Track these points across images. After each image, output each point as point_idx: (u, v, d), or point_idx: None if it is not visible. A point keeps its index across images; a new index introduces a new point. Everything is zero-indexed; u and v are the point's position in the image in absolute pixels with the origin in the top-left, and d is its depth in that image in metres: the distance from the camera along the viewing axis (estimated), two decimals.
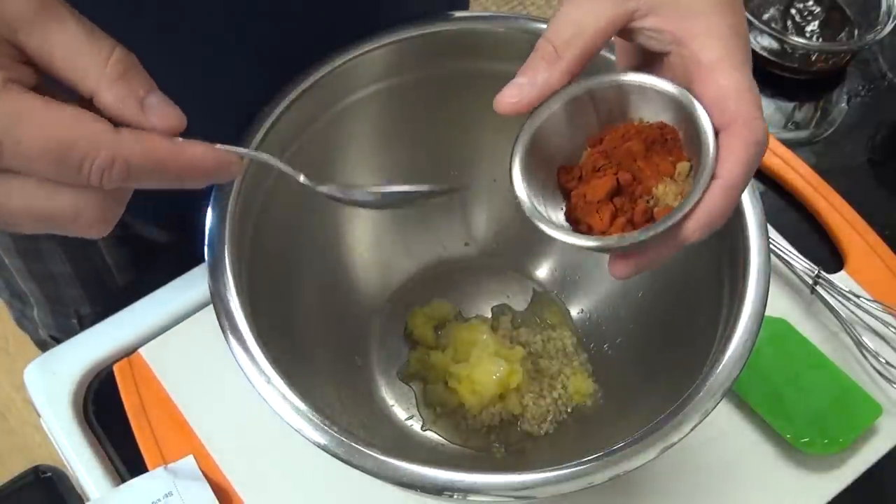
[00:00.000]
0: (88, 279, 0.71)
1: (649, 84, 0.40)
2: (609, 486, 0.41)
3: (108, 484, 0.57)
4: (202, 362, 0.60)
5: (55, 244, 0.67)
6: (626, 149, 0.40)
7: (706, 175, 0.37)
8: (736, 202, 0.37)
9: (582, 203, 0.41)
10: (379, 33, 0.54)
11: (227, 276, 0.46)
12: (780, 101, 0.80)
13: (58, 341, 0.77)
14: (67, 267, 0.69)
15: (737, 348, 0.44)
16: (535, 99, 0.40)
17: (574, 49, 0.39)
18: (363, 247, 0.62)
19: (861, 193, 0.71)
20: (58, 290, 0.71)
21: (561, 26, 0.39)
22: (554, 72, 0.39)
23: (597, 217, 0.40)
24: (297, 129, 0.53)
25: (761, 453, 0.58)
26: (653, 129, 0.40)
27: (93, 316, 0.74)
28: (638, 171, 0.40)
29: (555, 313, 0.63)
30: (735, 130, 0.37)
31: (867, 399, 0.59)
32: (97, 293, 0.72)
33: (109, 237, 0.67)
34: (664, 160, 0.40)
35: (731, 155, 0.37)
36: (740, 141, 0.37)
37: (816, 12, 0.81)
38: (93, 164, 0.31)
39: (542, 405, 0.59)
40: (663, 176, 0.39)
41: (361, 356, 0.61)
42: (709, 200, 0.36)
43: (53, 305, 0.74)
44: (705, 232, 0.37)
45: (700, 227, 0.37)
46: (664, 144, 0.40)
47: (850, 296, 0.63)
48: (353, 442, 0.42)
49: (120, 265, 0.70)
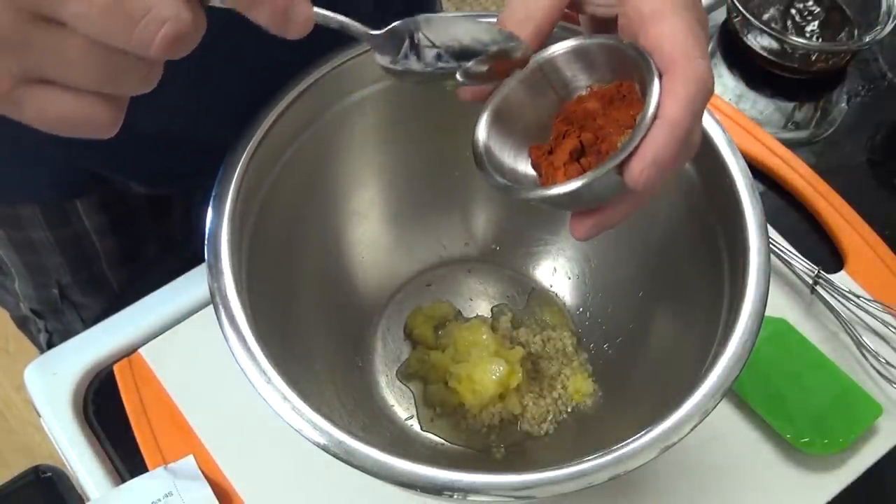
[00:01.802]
0: (68, 246, 0.70)
1: (596, 43, 0.41)
2: (609, 486, 0.41)
3: (108, 484, 0.57)
4: (202, 362, 0.60)
5: (34, 209, 0.67)
6: (584, 109, 0.41)
7: (648, 117, 0.37)
8: (682, 140, 0.37)
9: (550, 170, 0.41)
10: None
11: (227, 276, 0.46)
12: (780, 101, 0.80)
13: (38, 315, 0.77)
14: (47, 233, 0.69)
15: (737, 348, 0.44)
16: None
17: (527, 30, 0.41)
18: (363, 246, 0.62)
19: (861, 193, 0.71)
20: (38, 259, 0.71)
21: (512, 9, 0.41)
22: None
23: (565, 176, 0.40)
24: (298, 129, 0.53)
25: (761, 453, 0.58)
26: (609, 88, 0.41)
27: (74, 286, 0.74)
28: (599, 128, 0.40)
29: (555, 313, 0.63)
30: (675, 71, 0.37)
31: (867, 399, 0.59)
32: (78, 261, 0.72)
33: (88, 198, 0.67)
34: (624, 114, 0.40)
35: (671, 94, 0.37)
36: (680, 80, 0.37)
37: (816, 12, 0.81)
38: None
39: (542, 405, 0.59)
40: (624, 129, 0.40)
41: (361, 356, 0.61)
42: (650, 138, 0.36)
43: (34, 275, 0.73)
44: (652, 174, 0.36)
45: (644, 165, 0.36)
46: (622, 100, 0.40)
47: (850, 296, 0.63)
48: (353, 442, 0.42)
49: (99, 230, 0.70)
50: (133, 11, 0.29)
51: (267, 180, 0.52)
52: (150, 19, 0.29)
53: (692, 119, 0.37)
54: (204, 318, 0.63)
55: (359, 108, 0.56)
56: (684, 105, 0.36)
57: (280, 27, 0.32)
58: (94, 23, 0.29)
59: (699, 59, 0.37)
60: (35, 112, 0.31)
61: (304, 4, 0.32)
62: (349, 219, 0.61)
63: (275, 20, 0.32)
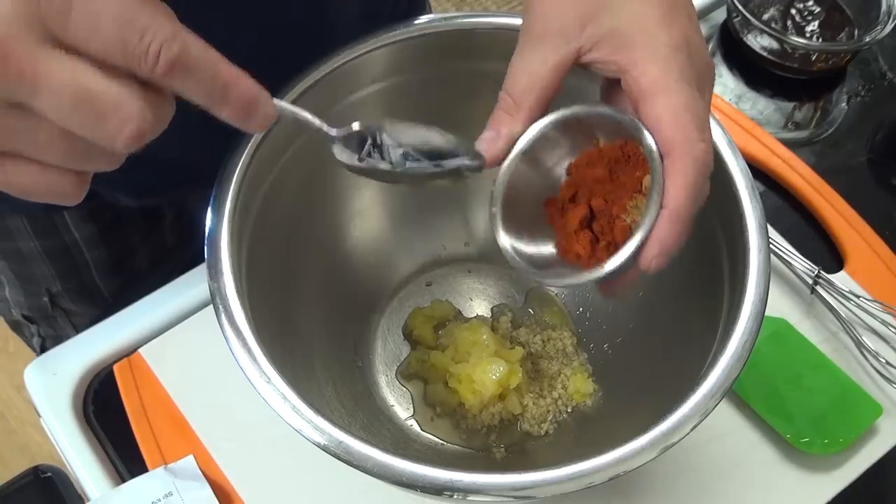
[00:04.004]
0: (57, 256, 0.70)
1: (605, 113, 0.42)
2: (609, 486, 0.41)
3: (108, 484, 0.57)
4: (202, 362, 0.60)
5: (22, 220, 0.67)
6: (593, 175, 0.43)
7: (654, 206, 0.38)
8: (687, 227, 0.39)
9: (564, 234, 0.43)
10: (379, 33, 0.54)
11: (227, 276, 0.46)
12: (780, 101, 0.80)
13: (31, 321, 0.77)
14: (35, 243, 0.69)
15: (737, 348, 0.44)
16: (502, 150, 0.43)
17: (530, 98, 0.42)
18: (363, 246, 0.62)
19: (861, 193, 0.71)
20: (27, 268, 0.71)
21: (515, 77, 0.42)
22: (515, 122, 0.42)
23: (579, 246, 0.42)
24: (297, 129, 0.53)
25: (761, 453, 0.58)
26: (614, 148, 0.42)
27: (64, 294, 0.74)
28: (608, 193, 0.42)
29: (555, 313, 0.63)
30: (675, 156, 0.38)
31: (867, 399, 0.59)
32: (67, 271, 0.72)
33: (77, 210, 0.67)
34: (630, 177, 0.41)
35: (673, 182, 0.38)
36: (680, 166, 0.38)
37: (816, 12, 0.81)
38: (154, 37, 0.30)
39: (542, 405, 0.59)
40: (632, 193, 0.41)
41: (361, 356, 0.61)
42: (657, 230, 0.38)
43: (24, 284, 0.73)
44: (662, 259, 0.38)
45: (654, 255, 0.38)
46: (628, 161, 0.42)
47: (850, 296, 0.63)
48: (353, 442, 0.42)
49: (88, 241, 0.70)
50: (102, 109, 0.30)
51: (267, 180, 0.52)
52: (117, 118, 0.31)
53: (694, 203, 0.38)
54: (204, 318, 0.63)
55: (359, 108, 0.56)
56: (686, 193, 0.38)
57: (243, 124, 0.34)
58: (64, 116, 0.30)
59: (698, 143, 0.38)
60: (2, 180, 0.32)
61: (267, 105, 0.34)
62: (349, 219, 0.61)
63: (238, 119, 0.34)
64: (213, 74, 0.32)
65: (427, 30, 0.54)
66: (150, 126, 0.31)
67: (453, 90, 0.57)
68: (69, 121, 0.31)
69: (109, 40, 0.30)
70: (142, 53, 0.30)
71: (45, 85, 0.30)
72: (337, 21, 0.60)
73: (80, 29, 0.30)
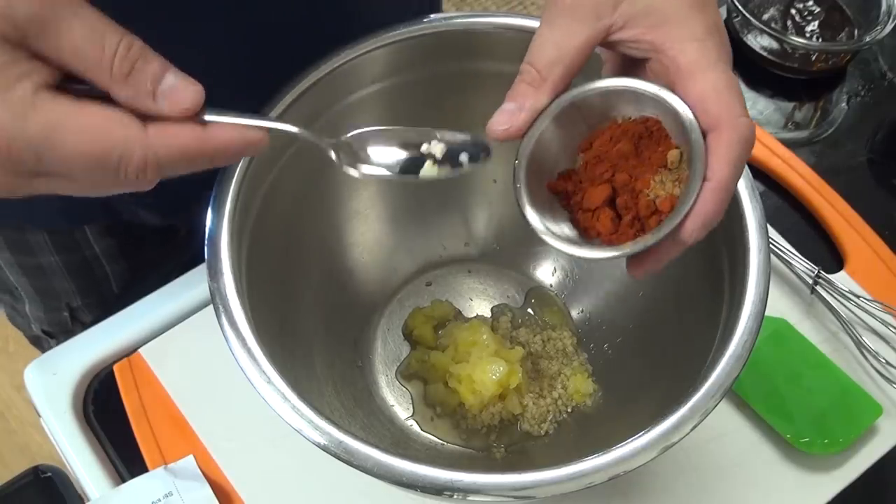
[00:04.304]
0: (77, 270, 0.71)
1: (632, 87, 0.41)
2: (609, 486, 0.41)
3: (108, 484, 0.57)
4: (202, 362, 0.60)
5: (43, 235, 0.67)
6: (617, 150, 0.42)
7: (697, 178, 0.38)
8: (728, 199, 0.39)
9: (581, 211, 0.42)
10: (379, 33, 0.54)
11: (227, 276, 0.46)
12: (780, 101, 0.80)
13: (50, 336, 0.77)
14: (56, 258, 0.69)
15: (737, 348, 0.44)
16: (525, 123, 0.41)
17: (556, 71, 0.40)
18: (363, 246, 0.62)
19: (861, 193, 0.71)
20: (48, 283, 0.72)
21: (542, 49, 0.41)
22: (540, 95, 0.41)
23: (600, 224, 0.41)
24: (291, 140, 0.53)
25: (761, 453, 0.58)
26: (637, 124, 0.42)
27: (84, 309, 0.74)
28: (632, 168, 0.41)
29: (555, 313, 0.63)
30: (720, 131, 0.38)
31: (867, 399, 0.59)
32: (87, 285, 0.72)
33: (97, 227, 0.68)
34: (654, 152, 0.41)
35: (718, 156, 0.38)
36: (725, 142, 0.38)
37: (816, 12, 0.81)
38: (128, 168, 0.32)
39: (542, 405, 0.59)
40: (657, 167, 0.41)
41: (361, 356, 0.61)
42: (701, 203, 0.38)
43: (44, 299, 0.74)
44: (702, 232, 0.38)
45: (696, 228, 0.38)
46: (651, 137, 0.41)
47: (850, 296, 0.63)
48: (353, 442, 0.42)
49: (108, 254, 0.71)
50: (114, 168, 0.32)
51: (267, 180, 0.52)
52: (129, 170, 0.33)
53: (737, 178, 0.39)
54: (204, 318, 0.63)
55: (359, 108, 0.56)
56: (732, 168, 0.38)
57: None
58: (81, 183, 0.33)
59: (742, 118, 0.39)
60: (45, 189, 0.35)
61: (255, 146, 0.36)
62: (349, 219, 0.61)
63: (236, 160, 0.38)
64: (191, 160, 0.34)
65: (427, 30, 0.54)
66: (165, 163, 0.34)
67: (453, 90, 0.57)
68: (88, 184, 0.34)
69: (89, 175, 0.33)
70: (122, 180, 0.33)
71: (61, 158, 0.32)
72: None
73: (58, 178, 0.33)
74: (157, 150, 0.32)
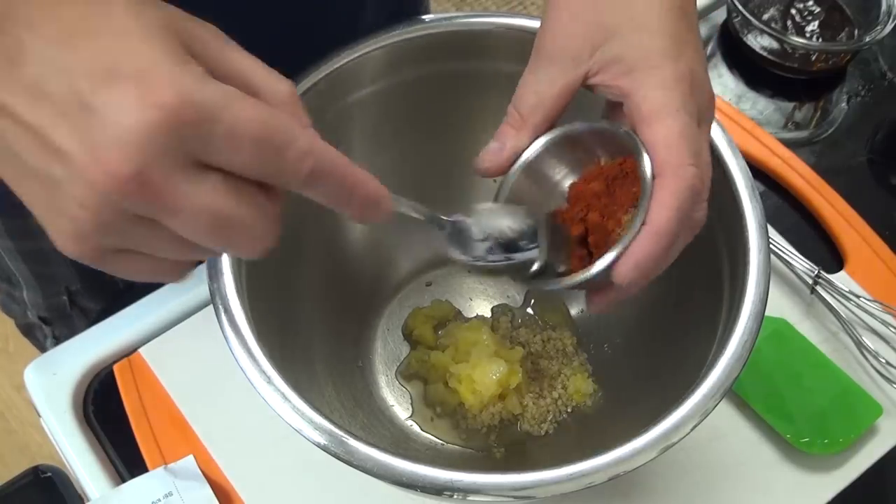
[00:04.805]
0: None
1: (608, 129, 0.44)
2: (609, 486, 0.41)
3: (108, 484, 0.57)
4: (202, 362, 0.60)
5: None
6: (591, 190, 0.44)
7: (638, 222, 0.39)
8: (669, 245, 0.39)
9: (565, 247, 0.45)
10: (379, 33, 0.54)
11: (227, 276, 0.46)
12: (780, 101, 0.80)
13: (46, 322, 0.77)
14: None
15: (737, 348, 0.44)
16: (507, 161, 0.45)
17: (536, 115, 0.44)
18: (363, 246, 0.62)
19: (861, 193, 0.71)
20: (48, 268, 0.72)
21: (524, 95, 0.44)
22: (521, 136, 0.44)
23: (572, 260, 0.44)
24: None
25: (761, 453, 0.58)
26: (613, 166, 0.44)
27: (83, 292, 0.74)
28: (604, 207, 0.43)
29: (555, 313, 0.63)
30: (664, 178, 0.39)
31: (867, 399, 0.59)
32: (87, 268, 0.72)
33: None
34: (627, 192, 0.42)
35: (658, 202, 0.39)
36: (667, 188, 0.39)
37: (816, 12, 0.81)
38: (292, 152, 0.31)
39: (542, 405, 0.59)
40: (628, 207, 0.42)
41: (361, 356, 0.61)
42: (635, 246, 0.39)
43: (43, 284, 0.74)
44: (636, 275, 0.39)
45: (628, 270, 0.39)
46: (626, 177, 0.43)
47: (850, 296, 0.63)
48: (353, 442, 0.42)
49: None
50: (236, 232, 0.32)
51: None
52: (248, 238, 0.32)
53: (678, 225, 0.39)
54: (204, 318, 0.63)
55: (358, 109, 0.56)
56: (669, 214, 0.39)
57: (361, 219, 0.36)
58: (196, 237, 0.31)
59: (689, 167, 0.39)
60: (113, 271, 0.34)
61: (387, 203, 0.36)
62: (349, 218, 0.61)
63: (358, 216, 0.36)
64: (342, 179, 0.34)
65: (427, 30, 0.54)
66: (274, 241, 0.33)
67: (453, 90, 0.57)
68: (200, 240, 0.32)
69: (249, 160, 0.31)
70: (280, 171, 0.31)
71: (181, 209, 0.30)
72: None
73: (221, 152, 0.30)
74: (320, 147, 0.32)
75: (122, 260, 0.33)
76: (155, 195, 0.30)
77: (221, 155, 0.30)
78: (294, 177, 0.32)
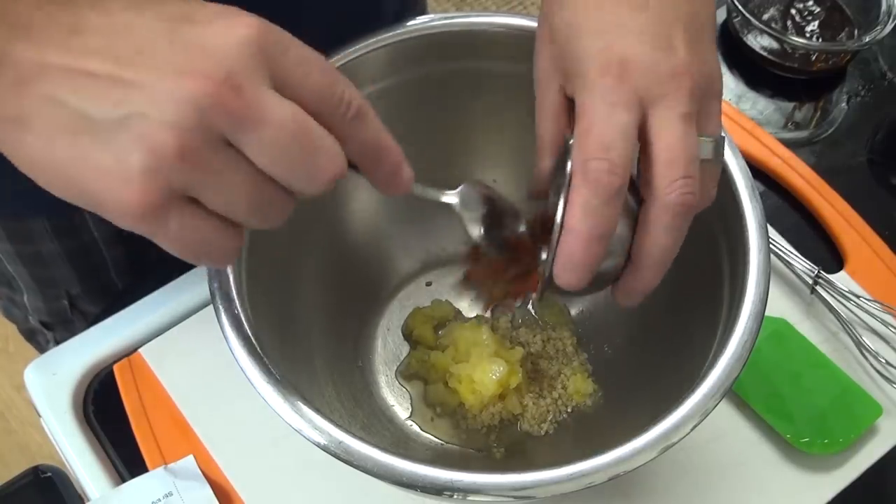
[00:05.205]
0: (77, 256, 0.71)
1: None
2: (609, 486, 0.41)
3: (108, 484, 0.57)
4: (202, 362, 0.60)
5: (44, 223, 0.67)
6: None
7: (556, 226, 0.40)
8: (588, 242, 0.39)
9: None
10: (379, 33, 0.54)
11: (227, 276, 0.46)
12: (780, 101, 0.80)
13: (47, 327, 0.77)
14: (56, 244, 0.69)
15: (737, 348, 0.44)
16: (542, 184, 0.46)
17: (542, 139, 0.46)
18: (363, 246, 0.62)
19: (861, 193, 0.71)
20: (47, 271, 0.72)
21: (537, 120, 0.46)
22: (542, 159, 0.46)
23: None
24: None
25: (761, 453, 0.58)
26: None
27: (83, 296, 0.74)
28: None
29: (555, 313, 0.63)
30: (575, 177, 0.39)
31: (867, 399, 0.59)
32: (86, 271, 0.72)
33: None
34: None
35: (570, 201, 0.39)
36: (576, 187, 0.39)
37: (816, 12, 0.81)
38: (346, 87, 0.33)
39: (542, 405, 0.59)
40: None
41: (361, 356, 0.61)
42: (559, 248, 0.40)
43: (43, 288, 0.74)
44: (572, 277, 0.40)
45: (560, 271, 0.40)
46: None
47: (850, 296, 0.63)
48: (353, 442, 0.42)
49: (107, 239, 0.71)
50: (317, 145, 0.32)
51: None
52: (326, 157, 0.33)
53: (591, 219, 0.39)
54: (204, 318, 0.63)
55: None
56: (577, 212, 0.39)
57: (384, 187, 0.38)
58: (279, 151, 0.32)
59: (592, 161, 0.38)
60: (175, 232, 0.32)
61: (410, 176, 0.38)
62: (349, 218, 0.61)
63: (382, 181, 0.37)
64: (377, 132, 0.35)
65: (427, 30, 0.54)
66: (344, 171, 0.34)
67: (453, 90, 0.57)
68: (283, 156, 0.32)
69: (316, 86, 0.33)
70: (339, 101, 0.33)
71: (269, 118, 0.31)
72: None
73: (295, 73, 0.32)
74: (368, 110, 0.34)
75: (186, 215, 0.32)
76: (246, 102, 0.30)
77: (294, 79, 0.32)
78: (347, 109, 0.33)
